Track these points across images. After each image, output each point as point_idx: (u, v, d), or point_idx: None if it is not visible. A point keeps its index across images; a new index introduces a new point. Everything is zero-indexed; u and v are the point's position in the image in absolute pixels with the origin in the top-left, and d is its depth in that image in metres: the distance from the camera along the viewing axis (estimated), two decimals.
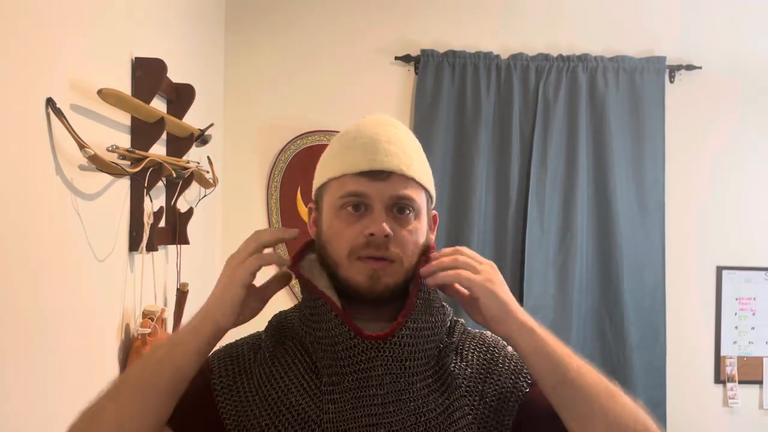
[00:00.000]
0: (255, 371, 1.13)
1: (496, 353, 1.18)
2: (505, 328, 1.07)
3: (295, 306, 1.19)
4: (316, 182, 1.16)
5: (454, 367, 1.14)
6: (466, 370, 1.14)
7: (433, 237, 1.17)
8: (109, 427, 1.03)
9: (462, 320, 1.22)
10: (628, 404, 1.04)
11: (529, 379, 1.15)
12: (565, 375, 1.04)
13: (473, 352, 1.17)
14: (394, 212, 1.09)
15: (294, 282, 1.18)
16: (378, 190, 1.08)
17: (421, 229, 1.12)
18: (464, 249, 1.10)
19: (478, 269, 1.07)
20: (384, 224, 1.06)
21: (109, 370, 1.82)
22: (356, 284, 1.08)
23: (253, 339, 1.19)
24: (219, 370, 1.14)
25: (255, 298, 1.11)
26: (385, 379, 1.07)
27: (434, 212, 1.19)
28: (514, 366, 1.17)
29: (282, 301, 1.21)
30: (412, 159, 1.11)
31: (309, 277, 1.13)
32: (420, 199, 1.11)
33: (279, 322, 1.19)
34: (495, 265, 1.10)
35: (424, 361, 1.10)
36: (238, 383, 1.12)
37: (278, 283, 1.15)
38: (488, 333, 1.20)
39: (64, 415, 1.57)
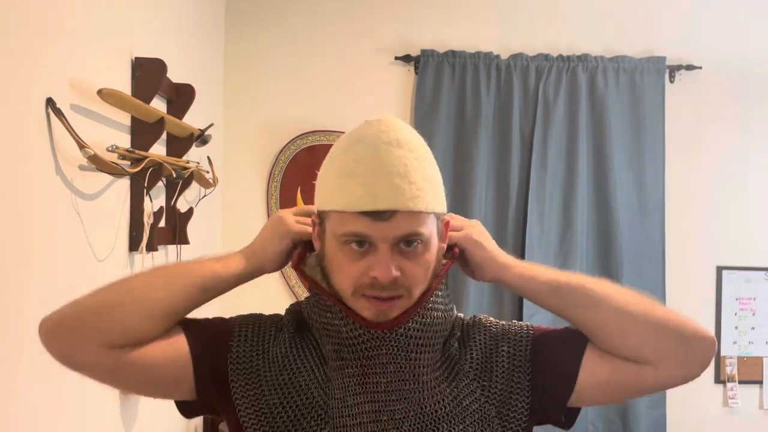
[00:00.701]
0: (272, 349, 1.14)
1: (493, 329, 1.19)
2: (489, 271, 1.14)
3: (306, 298, 1.20)
4: (318, 202, 1.10)
5: (459, 356, 1.15)
6: (471, 354, 1.15)
7: (444, 246, 1.12)
8: (133, 289, 1.10)
9: (460, 314, 1.22)
10: (626, 289, 1.13)
11: (530, 332, 1.17)
12: (558, 280, 1.13)
13: (473, 337, 1.18)
14: (401, 246, 1.03)
15: (290, 275, 1.20)
16: (381, 231, 1.01)
17: (432, 255, 1.07)
18: (450, 216, 1.15)
19: (459, 227, 1.15)
20: (390, 267, 1.01)
21: None
22: (362, 317, 1.07)
23: (277, 318, 1.20)
24: (239, 337, 1.15)
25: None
26: (389, 367, 1.08)
27: (445, 218, 1.12)
28: (513, 333, 1.18)
29: (276, 294, 1.22)
30: (419, 187, 1.03)
31: (313, 274, 1.13)
32: (429, 227, 1.05)
33: (295, 311, 1.20)
34: (479, 223, 1.18)
35: (432, 355, 1.11)
36: (254, 356, 1.14)
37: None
38: (481, 315, 1.23)
39: (65, 415, 1.57)
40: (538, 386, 1.13)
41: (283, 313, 1.21)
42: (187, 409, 1.16)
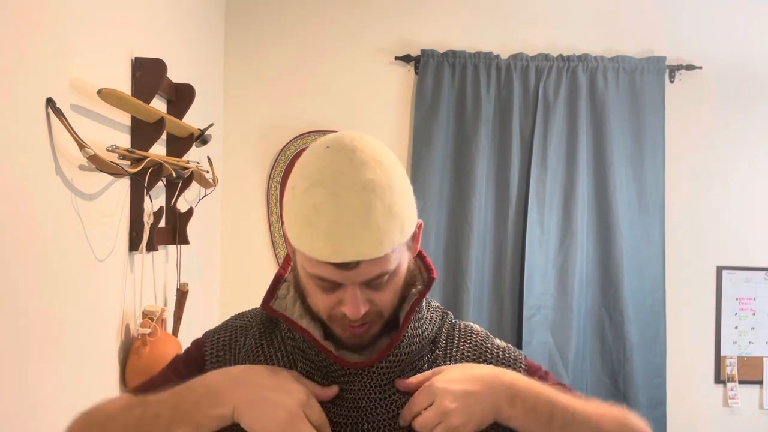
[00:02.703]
0: (240, 360, 1.13)
1: (484, 347, 1.17)
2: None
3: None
4: (285, 229, 1.04)
5: (440, 362, 1.13)
6: (452, 360, 1.14)
7: (417, 247, 1.10)
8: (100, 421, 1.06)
9: (450, 314, 1.21)
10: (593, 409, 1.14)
11: (523, 365, 1.16)
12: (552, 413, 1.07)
13: (458, 346, 1.16)
14: (370, 282, 1.02)
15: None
16: (348, 277, 0.99)
17: (400, 277, 1.06)
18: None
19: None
20: (359, 307, 1.01)
21: (109, 370, 1.82)
22: (339, 338, 1.08)
23: (246, 322, 1.18)
24: (211, 357, 1.14)
25: None
26: (361, 403, 1.08)
27: (419, 221, 1.07)
28: (505, 357, 1.16)
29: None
30: (383, 230, 0.97)
31: (283, 309, 1.11)
32: (395, 260, 1.02)
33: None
34: (450, 390, 1.05)
35: (407, 376, 1.10)
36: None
37: None
38: (476, 327, 1.20)
39: (63, 415, 1.57)
40: None
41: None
42: None
